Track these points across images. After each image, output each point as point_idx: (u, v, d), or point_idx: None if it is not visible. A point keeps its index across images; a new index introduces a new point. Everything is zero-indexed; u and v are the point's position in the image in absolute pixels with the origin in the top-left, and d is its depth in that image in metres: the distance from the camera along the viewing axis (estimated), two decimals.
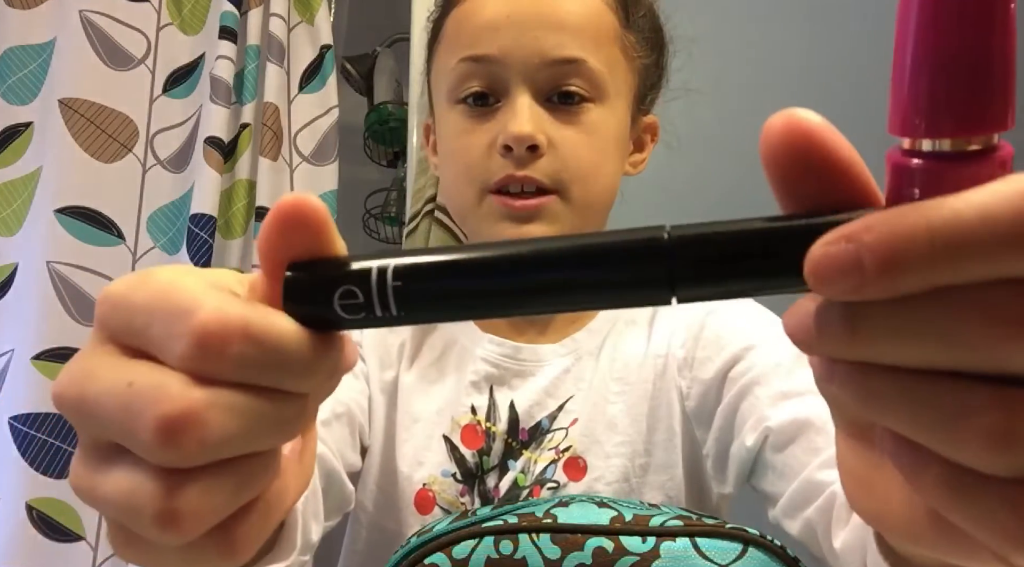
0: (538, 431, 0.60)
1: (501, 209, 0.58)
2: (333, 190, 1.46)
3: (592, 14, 0.60)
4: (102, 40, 1.39)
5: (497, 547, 0.43)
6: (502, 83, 0.59)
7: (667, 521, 0.43)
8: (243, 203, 1.38)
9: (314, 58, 1.50)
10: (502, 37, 0.58)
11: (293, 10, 1.49)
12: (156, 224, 1.38)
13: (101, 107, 1.36)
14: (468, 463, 0.60)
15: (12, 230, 1.31)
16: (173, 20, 1.47)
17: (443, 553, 0.44)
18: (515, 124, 0.57)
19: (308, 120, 1.48)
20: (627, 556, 0.42)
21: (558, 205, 0.58)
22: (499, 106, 0.59)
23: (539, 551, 0.42)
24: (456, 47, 0.61)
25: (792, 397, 0.51)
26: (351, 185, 1.59)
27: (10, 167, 1.34)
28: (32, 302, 1.25)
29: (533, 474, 0.58)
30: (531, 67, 0.58)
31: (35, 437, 1.20)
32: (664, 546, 0.42)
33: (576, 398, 0.60)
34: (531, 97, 0.58)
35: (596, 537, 0.42)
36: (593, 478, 0.57)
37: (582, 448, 0.58)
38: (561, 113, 0.59)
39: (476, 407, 0.61)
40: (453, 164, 0.62)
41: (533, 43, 0.57)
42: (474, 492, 0.59)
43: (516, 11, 0.58)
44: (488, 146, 0.58)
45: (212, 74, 1.38)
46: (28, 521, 1.17)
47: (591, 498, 0.48)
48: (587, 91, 0.59)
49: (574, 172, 0.58)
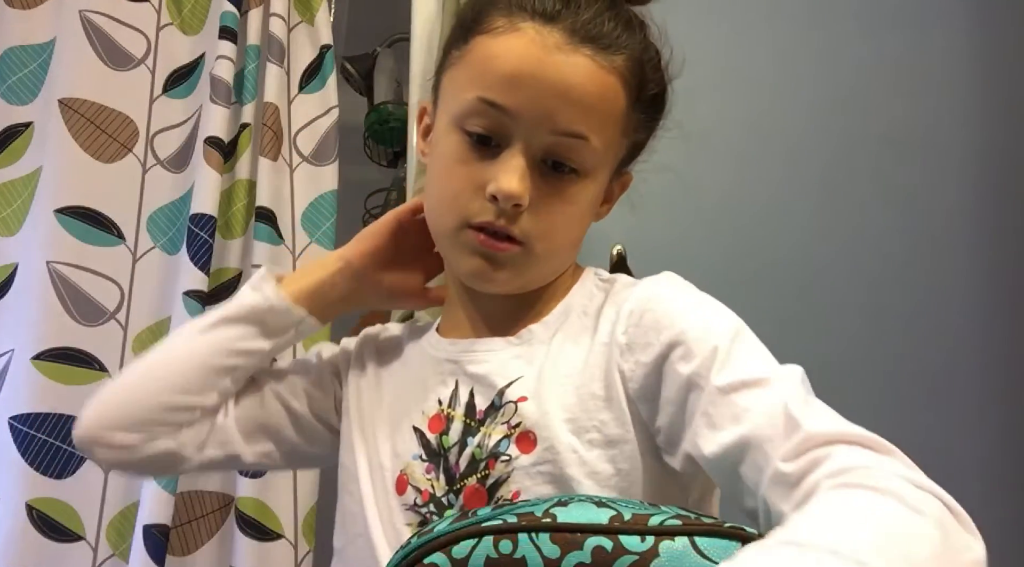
0: (491, 408, 0.64)
1: (476, 245, 0.64)
2: (333, 190, 1.46)
3: (607, 94, 0.63)
4: (102, 40, 1.39)
5: (496, 546, 0.43)
6: (507, 131, 0.62)
7: (666, 520, 0.44)
8: (243, 203, 1.38)
9: (314, 58, 1.50)
10: (521, 94, 0.61)
11: (293, 10, 1.49)
12: (156, 224, 1.38)
13: (101, 107, 1.37)
14: (432, 445, 0.66)
15: (12, 230, 1.31)
16: (173, 20, 1.47)
17: (442, 553, 0.44)
18: (507, 181, 0.61)
19: (308, 120, 1.48)
20: (626, 555, 0.42)
21: (521, 258, 0.64)
22: (497, 150, 0.63)
23: (538, 550, 0.42)
24: (477, 80, 0.63)
25: (731, 392, 0.54)
26: (351, 185, 1.59)
27: (10, 167, 1.34)
28: (32, 302, 1.25)
29: (487, 448, 0.62)
30: (538, 130, 0.62)
31: (35, 437, 1.20)
32: (663, 545, 0.42)
33: (526, 377, 0.65)
34: (528, 156, 0.62)
35: (595, 536, 0.42)
36: (544, 448, 0.60)
37: (531, 423, 0.62)
38: (549, 178, 0.63)
39: (441, 399, 0.68)
40: (442, 185, 0.67)
41: (547, 110, 0.61)
42: (439, 469, 0.64)
43: (541, 74, 0.61)
44: (477, 186, 0.63)
45: (212, 74, 1.38)
46: (28, 521, 1.17)
47: (590, 498, 0.48)
48: (579, 166, 0.64)
49: (543, 234, 0.64)
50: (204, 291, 1.28)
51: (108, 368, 1.28)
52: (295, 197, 1.44)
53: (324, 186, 1.45)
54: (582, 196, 0.65)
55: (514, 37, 0.62)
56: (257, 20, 1.44)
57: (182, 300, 1.26)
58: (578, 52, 0.61)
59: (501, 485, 0.60)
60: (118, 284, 1.32)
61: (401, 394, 0.72)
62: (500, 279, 0.65)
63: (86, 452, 0.71)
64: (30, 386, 1.21)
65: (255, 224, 1.37)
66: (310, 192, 1.45)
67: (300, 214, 1.43)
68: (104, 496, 1.23)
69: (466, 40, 0.65)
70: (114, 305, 1.31)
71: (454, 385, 0.68)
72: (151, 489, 1.18)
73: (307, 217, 1.43)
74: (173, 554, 1.22)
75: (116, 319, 1.31)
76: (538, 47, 0.61)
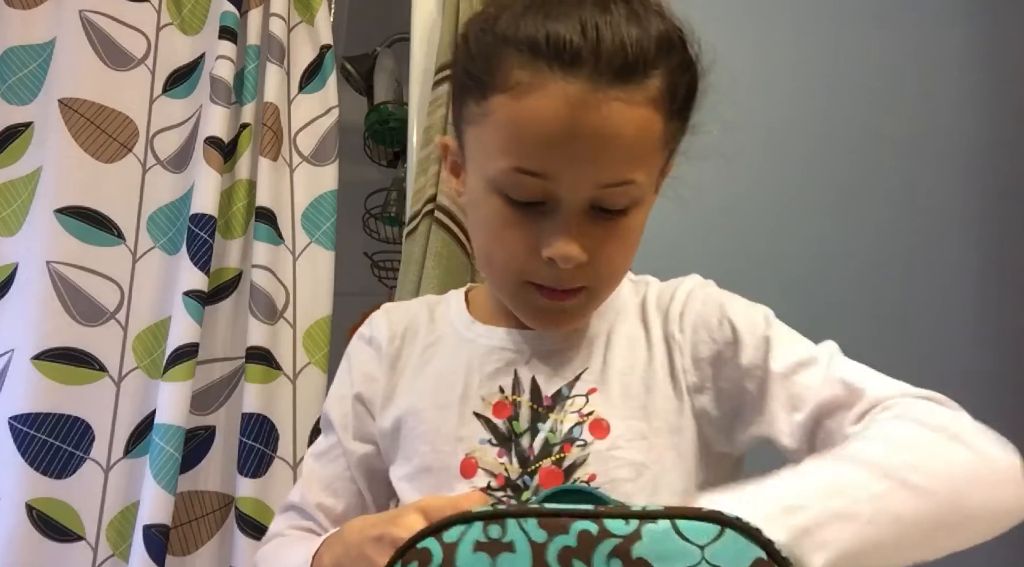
0: (559, 397, 0.66)
1: (541, 301, 0.64)
2: (333, 190, 1.46)
3: (644, 129, 0.59)
4: (102, 40, 1.39)
5: (486, 531, 0.45)
6: (551, 194, 0.60)
7: (648, 506, 0.46)
8: (243, 203, 1.38)
9: (314, 58, 1.50)
10: (558, 159, 0.58)
11: (293, 10, 1.49)
12: (156, 224, 1.38)
13: (101, 107, 1.37)
14: (501, 430, 0.66)
15: (12, 230, 1.31)
16: (173, 20, 1.47)
17: (434, 538, 0.45)
18: (564, 246, 0.60)
19: (308, 120, 1.48)
20: (610, 538, 0.43)
21: (587, 300, 0.65)
22: (544, 208, 0.61)
23: (526, 535, 0.44)
24: (509, 149, 0.60)
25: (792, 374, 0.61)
26: (351, 185, 1.59)
27: (10, 167, 1.34)
28: (32, 302, 1.25)
29: (561, 433, 0.65)
30: (582, 187, 0.59)
31: (35, 437, 1.20)
32: (646, 528, 0.44)
33: (591, 369, 0.67)
34: (579, 213, 0.60)
35: (581, 520, 0.44)
36: (616, 435, 0.64)
37: (603, 412, 0.65)
38: (603, 221, 0.61)
39: (503, 386, 0.68)
40: (492, 250, 0.65)
41: (589, 170, 0.59)
42: (511, 453, 0.65)
43: (575, 132, 0.57)
44: (531, 249, 0.61)
45: (212, 74, 1.38)
46: (28, 521, 1.17)
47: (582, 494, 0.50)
48: (630, 202, 0.62)
49: (607, 276, 0.65)
50: (204, 291, 1.28)
51: (108, 368, 1.28)
52: (295, 197, 1.44)
53: (324, 186, 1.45)
54: (635, 225, 0.64)
55: (539, 98, 0.57)
56: (257, 20, 1.44)
57: (182, 300, 1.26)
58: (608, 98, 0.57)
59: (578, 468, 0.63)
60: (118, 284, 1.32)
61: (448, 381, 0.70)
62: (569, 322, 0.67)
63: None
64: (30, 386, 1.21)
65: (255, 224, 1.37)
66: (310, 192, 1.45)
67: (300, 214, 1.43)
68: (104, 496, 1.23)
69: (485, 96, 0.60)
70: (114, 305, 1.31)
71: (513, 373, 0.68)
72: (151, 489, 1.18)
73: (307, 217, 1.43)
74: (173, 554, 1.22)
75: (116, 319, 1.31)
76: (567, 105, 0.56)
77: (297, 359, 1.36)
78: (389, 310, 0.79)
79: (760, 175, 1.44)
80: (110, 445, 1.26)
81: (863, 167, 1.44)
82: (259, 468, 1.26)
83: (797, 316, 0.69)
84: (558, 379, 0.67)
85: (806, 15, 1.50)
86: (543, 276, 0.62)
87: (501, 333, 0.71)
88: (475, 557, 0.44)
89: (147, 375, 1.30)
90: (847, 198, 1.43)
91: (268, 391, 1.31)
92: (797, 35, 1.50)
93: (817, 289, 1.36)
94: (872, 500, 0.48)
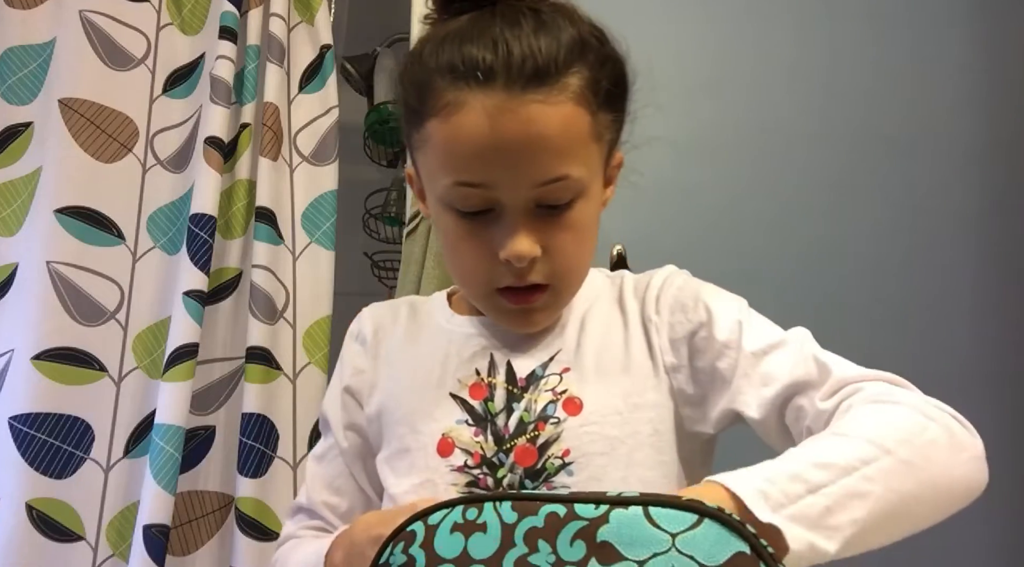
0: (533, 377, 0.69)
1: (509, 306, 0.68)
2: (333, 190, 1.46)
3: (568, 125, 0.63)
4: (102, 40, 1.39)
5: (464, 514, 0.47)
6: (495, 199, 0.64)
7: (624, 494, 0.46)
8: (243, 203, 1.38)
9: (314, 58, 1.50)
10: (491, 167, 0.62)
11: (293, 10, 1.49)
12: (156, 224, 1.38)
13: (101, 107, 1.37)
14: (477, 410, 0.69)
15: (12, 230, 1.31)
16: (173, 20, 1.47)
17: (420, 521, 0.49)
18: (514, 245, 0.64)
19: (308, 120, 1.48)
20: (577, 520, 0.44)
21: (551, 297, 0.68)
22: (493, 215, 0.65)
23: (499, 516, 0.46)
24: (447, 167, 0.64)
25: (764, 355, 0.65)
26: (351, 185, 1.59)
27: (10, 167, 1.34)
28: (32, 302, 1.25)
29: (535, 412, 0.67)
30: (522, 189, 0.63)
31: (35, 437, 1.20)
32: (615, 512, 0.44)
33: (565, 350, 0.70)
34: (523, 213, 0.64)
35: (551, 504, 0.46)
36: (589, 411, 0.66)
37: (576, 390, 0.67)
38: (550, 218, 0.65)
39: (479, 369, 0.71)
40: (458, 262, 0.70)
41: (522, 172, 0.62)
42: (487, 432, 0.67)
43: (501, 141, 0.61)
44: (490, 256, 0.65)
45: (212, 74, 1.38)
46: (28, 521, 1.17)
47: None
48: (571, 196, 0.65)
49: (564, 270, 0.67)
50: (204, 291, 1.28)
51: (108, 368, 1.28)
52: (295, 197, 1.44)
53: (324, 186, 1.46)
54: (583, 216, 0.67)
55: (463, 114, 0.62)
56: (257, 20, 1.44)
57: (182, 300, 1.26)
58: (526, 102, 0.61)
59: (552, 444, 0.65)
60: (118, 284, 1.32)
61: (421, 367, 0.74)
62: (538, 321, 0.70)
63: None
64: (30, 386, 1.21)
65: (255, 224, 1.37)
66: (310, 192, 1.45)
67: (300, 214, 1.43)
68: (104, 496, 1.23)
69: (422, 123, 0.65)
70: (114, 305, 1.31)
71: (489, 357, 0.71)
72: (151, 489, 1.18)
73: (307, 217, 1.44)
74: (173, 554, 1.22)
75: (116, 319, 1.31)
76: (486, 117, 0.61)
77: (297, 359, 1.36)
78: (374, 307, 0.83)
79: (759, 175, 1.44)
80: (110, 445, 1.26)
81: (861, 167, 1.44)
82: (259, 468, 1.26)
83: (795, 315, 0.70)
84: (532, 361, 0.70)
85: (805, 15, 1.50)
86: (506, 279, 0.66)
87: (477, 321, 0.74)
88: (451, 537, 0.47)
89: (147, 375, 1.30)
90: (845, 198, 1.43)
91: (268, 391, 1.31)
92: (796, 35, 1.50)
93: (815, 288, 1.36)
94: (880, 477, 0.51)
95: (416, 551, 0.47)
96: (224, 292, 1.36)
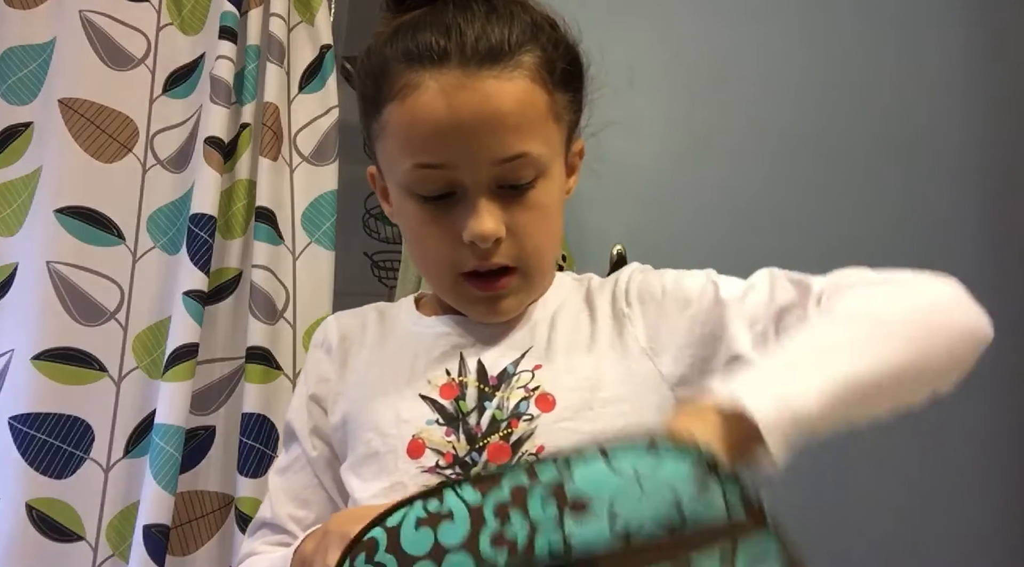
0: (505, 375, 0.68)
1: (477, 293, 0.68)
2: (333, 190, 1.46)
3: (525, 101, 0.64)
4: (102, 40, 1.39)
5: (426, 507, 0.45)
6: (455, 181, 0.64)
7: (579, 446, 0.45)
8: (243, 203, 1.38)
9: (314, 58, 1.50)
10: (450, 146, 0.63)
11: (293, 10, 1.49)
12: (156, 224, 1.38)
13: (101, 107, 1.37)
14: (448, 410, 0.68)
15: (12, 230, 1.31)
16: (173, 20, 1.47)
17: (379, 527, 0.46)
18: (477, 224, 0.63)
19: (308, 120, 1.48)
20: (542, 483, 0.43)
21: (518, 281, 0.68)
22: (454, 198, 0.65)
23: (462, 500, 0.45)
24: (406, 151, 0.65)
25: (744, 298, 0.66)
26: (351, 185, 1.58)
27: (10, 167, 1.34)
28: (32, 302, 1.25)
29: (508, 409, 0.66)
30: (482, 168, 0.63)
31: (35, 437, 1.20)
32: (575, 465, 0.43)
33: (536, 347, 0.69)
34: (485, 193, 0.64)
35: (512, 474, 0.45)
36: (563, 407, 0.65)
37: (549, 387, 0.66)
38: (513, 198, 0.65)
39: (449, 369, 0.70)
40: (422, 249, 0.70)
41: (480, 149, 0.63)
42: (459, 432, 0.66)
43: (458, 120, 0.62)
44: (453, 239, 0.65)
45: (212, 74, 1.38)
46: (28, 521, 1.17)
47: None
48: (533, 175, 0.65)
49: (531, 250, 0.67)
50: (204, 291, 1.28)
51: (108, 368, 1.28)
52: (295, 197, 1.44)
53: (324, 186, 1.45)
54: (546, 196, 0.67)
55: (418, 95, 0.62)
56: (257, 20, 1.44)
57: (182, 300, 1.26)
58: (481, 78, 0.62)
59: (525, 441, 0.64)
60: (118, 284, 1.32)
61: (388, 370, 0.73)
62: (508, 309, 0.69)
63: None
64: (30, 386, 1.21)
65: (255, 224, 1.37)
66: (310, 192, 1.45)
67: (300, 214, 1.43)
68: (104, 496, 1.24)
69: (379, 110, 0.66)
70: (114, 305, 1.31)
71: (459, 357, 0.70)
72: (151, 489, 1.18)
73: (307, 217, 1.44)
74: (173, 554, 1.22)
75: (116, 319, 1.31)
76: (442, 95, 0.62)
77: (297, 359, 1.36)
78: (340, 315, 0.83)
79: (759, 175, 1.44)
80: (110, 445, 1.26)
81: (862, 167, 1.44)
82: (259, 468, 1.26)
83: None
84: (503, 359, 0.69)
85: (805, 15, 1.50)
86: (471, 261, 0.66)
87: (446, 320, 0.74)
88: (419, 533, 0.45)
89: (147, 375, 1.30)
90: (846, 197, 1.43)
91: (268, 391, 1.31)
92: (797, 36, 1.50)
93: None
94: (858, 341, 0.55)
95: (384, 557, 0.45)
96: (224, 292, 1.36)
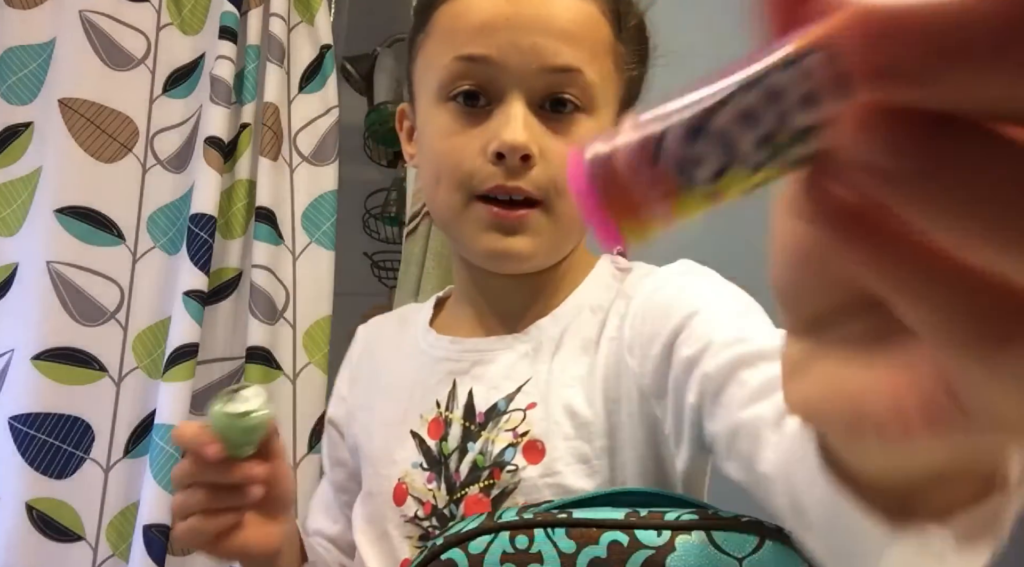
0: (494, 412, 0.60)
1: (489, 218, 0.58)
2: (333, 190, 1.46)
3: (590, 23, 0.59)
4: (102, 40, 1.39)
5: (512, 542, 0.43)
6: (496, 85, 0.58)
7: (682, 516, 0.44)
8: (243, 203, 1.38)
9: (314, 58, 1.50)
10: (500, 39, 0.57)
11: (293, 10, 1.49)
12: (156, 224, 1.38)
13: (101, 107, 1.36)
14: (432, 452, 0.61)
15: (12, 230, 1.31)
16: (173, 20, 1.47)
17: (459, 549, 0.44)
18: (509, 132, 0.56)
19: (308, 120, 1.48)
20: (642, 550, 0.42)
21: (541, 218, 0.59)
22: (491, 109, 0.58)
23: (554, 545, 0.42)
24: (449, 44, 0.59)
25: (733, 345, 0.48)
26: (351, 185, 1.59)
27: (10, 167, 1.33)
28: (32, 302, 1.25)
29: (491, 455, 0.58)
30: (528, 72, 0.57)
31: (35, 437, 1.20)
32: (679, 539, 0.42)
33: (534, 380, 0.60)
34: (525, 104, 0.58)
35: (611, 531, 0.42)
36: (552, 459, 0.57)
37: (540, 431, 0.58)
38: (552, 122, 0.59)
39: (439, 401, 0.63)
40: (439, 165, 0.60)
41: (531, 48, 0.57)
42: (440, 478, 0.60)
43: (515, 13, 0.57)
44: (478, 151, 0.58)
45: (212, 74, 1.38)
46: (28, 521, 1.17)
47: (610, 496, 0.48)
48: (580, 101, 0.59)
49: (562, 185, 0.57)
50: (204, 291, 1.28)
51: (108, 368, 1.28)
52: (295, 197, 1.44)
53: (324, 186, 1.45)
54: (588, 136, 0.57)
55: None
56: (257, 20, 1.44)
57: (182, 300, 1.26)
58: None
59: (507, 496, 0.57)
60: (118, 284, 1.32)
61: (395, 396, 0.67)
62: (520, 249, 0.59)
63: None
64: (30, 386, 1.21)
65: (255, 224, 1.37)
66: (310, 192, 1.45)
67: (300, 214, 1.43)
68: (104, 496, 1.23)
69: (428, 19, 0.61)
70: (114, 305, 1.31)
71: (451, 384, 0.63)
72: (151, 489, 1.18)
73: (307, 217, 1.43)
74: (173, 554, 1.22)
75: (116, 319, 1.31)
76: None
77: (297, 359, 1.36)
78: (369, 324, 0.77)
79: None
80: (110, 445, 1.26)
81: None
82: None
83: None
84: (496, 392, 0.61)
85: None
86: (492, 178, 0.57)
87: (446, 342, 0.66)
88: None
89: (147, 375, 1.30)
90: None
91: (268, 391, 1.30)
92: None
93: None
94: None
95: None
96: (224, 292, 1.36)
